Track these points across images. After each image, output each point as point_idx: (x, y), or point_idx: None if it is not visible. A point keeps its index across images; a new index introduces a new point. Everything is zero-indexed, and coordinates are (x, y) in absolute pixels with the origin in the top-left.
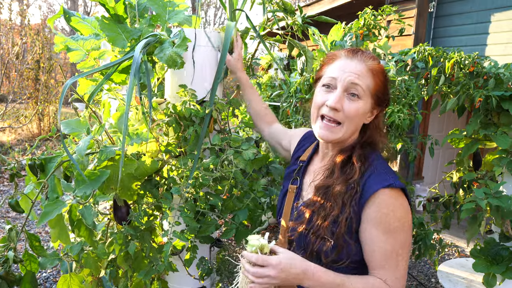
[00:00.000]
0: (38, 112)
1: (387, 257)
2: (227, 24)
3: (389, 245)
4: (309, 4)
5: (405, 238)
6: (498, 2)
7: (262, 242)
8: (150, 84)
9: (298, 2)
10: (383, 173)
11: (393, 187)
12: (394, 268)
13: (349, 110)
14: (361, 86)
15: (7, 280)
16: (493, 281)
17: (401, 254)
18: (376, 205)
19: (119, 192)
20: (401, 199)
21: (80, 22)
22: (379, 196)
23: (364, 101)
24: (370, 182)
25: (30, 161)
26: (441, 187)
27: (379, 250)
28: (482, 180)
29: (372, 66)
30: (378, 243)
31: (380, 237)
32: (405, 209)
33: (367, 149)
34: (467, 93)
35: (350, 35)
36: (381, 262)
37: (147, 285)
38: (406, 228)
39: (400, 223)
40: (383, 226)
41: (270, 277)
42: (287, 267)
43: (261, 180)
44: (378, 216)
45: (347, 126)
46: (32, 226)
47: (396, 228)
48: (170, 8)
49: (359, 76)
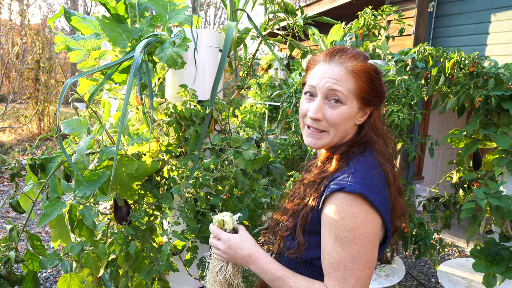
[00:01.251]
0: (38, 112)
1: (333, 267)
2: (228, 24)
3: (336, 255)
4: (309, 4)
5: (359, 252)
6: (498, 2)
7: (224, 218)
8: (151, 84)
9: (298, 2)
10: (351, 176)
11: (347, 192)
12: (340, 282)
13: (331, 117)
14: (341, 91)
15: (9, 280)
16: (493, 281)
17: (350, 268)
18: (329, 208)
19: (119, 192)
20: (357, 209)
21: (80, 21)
22: (332, 199)
23: (348, 106)
24: (333, 183)
25: (31, 161)
26: (441, 187)
27: (328, 257)
28: (482, 180)
29: (352, 67)
30: (327, 248)
31: (330, 242)
32: (359, 220)
33: (354, 149)
34: (467, 93)
35: (350, 35)
36: (328, 270)
37: (148, 285)
38: (359, 242)
39: (350, 234)
40: (333, 232)
41: (220, 251)
42: (235, 246)
43: (261, 180)
44: (329, 220)
45: (333, 132)
46: (32, 226)
47: (345, 238)
48: (170, 8)
49: (338, 81)
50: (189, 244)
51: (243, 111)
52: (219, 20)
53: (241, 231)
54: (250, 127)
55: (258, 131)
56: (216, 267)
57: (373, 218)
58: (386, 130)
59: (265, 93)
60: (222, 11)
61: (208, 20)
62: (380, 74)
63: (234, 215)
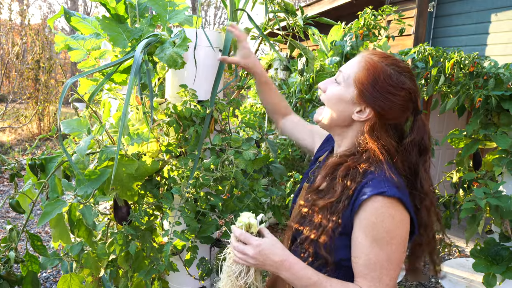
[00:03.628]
0: (38, 112)
1: (369, 267)
2: (228, 24)
3: (373, 255)
4: (309, 4)
5: (394, 252)
6: (498, 2)
7: (251, 221)
8: (151, 84)
9: (298, 2)
10: (382, 181)
11: (386, 196)
12: (376, 281)
13: (328, 92)
14: (343, 72)
15: (8, 280)
16: (493, 281)
17: (386, 268)
18: (366, 212)
19: (119, 192)
20: (393, 210)
21: (80, 22)
22: (370, 203)
23: (343, 87)
24: (365, 188)
25: (31, 161)
26: (441, 187)
27: (364, 258)
28: (482, 180)
29: (368, 58)
30: (363, 250)
31: (366, 244)
32: (396, 221)
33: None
34: (467, 93)
35: (350, 35)
36: (363, 271)
37: (148, 285)
38: (395, 242)
39: (388, 235)
40: (370, 234)
41: (248, 256)
42: (267, 251)
43: (261, 180)
44: (366, 223)
45: (327, 109)
46: (32, 226)
47: (383, 239)
48: (170, 8)
49: (348, 66)
50: (189, 244)
51: (243, 111)
52: (219, 20)
53: (267, 234)
54: (250, 127)
55: (258, 131)
56: (235, 271)
57: (406, 218)
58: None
59: None
60: (222, 11)
61: (208, 20)
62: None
63: (258, 217)
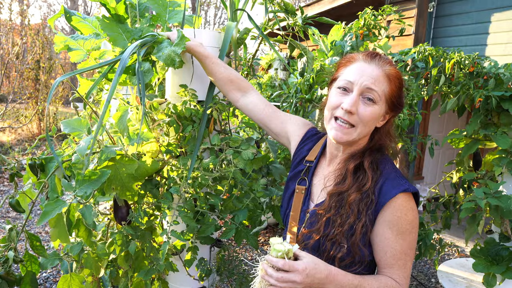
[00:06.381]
0: (38, 112)
1: (397, 257)
2: (228, 24)
3: (399, 246)
4: (309, 4)
5: (413, 239)
6: (498, 2)
7: (287, 247)
8: (144, 85)
9: (298, 2)
10: (397, 178)
11: (407, 192)
12: (402, 268)
13: (364, 114)
14: (377, 91)
15: (7, 280)
16: (493, 281)
17: (409, 254)
18: (392, 209)
19: (119, 192)
20: (412, 203)
21: (80, 21)
22: (396, 201)
23: (379, 106)
24: (386, 187)
25: (30, 161)
26: (441, 187)
27: (391, 251)
28: (482, 180)
29: (389, 71)
30: (389, 244)
31: (392, 238)
32: (415, 212)
33: (377, 155)
34: (467, 93)
35: (350, 35)
36: (391, 262)
37: (148, 285)
38: (414, 230)
39: (410, 226)
40: (396, 228)
41: (295, 283)
42: (313, 272)
43: (260, 180)
44: (392, 219)
45: (360, 129)
46: (32, 226)
47: (407, 230)
48: (170, 8)
49: (376, 81)
50: (189, 244)
51: None
52: (219, 20)
53: (302, 254)
54: (250, 127)
55: (258, 131)
56: None
57: (417, 208)
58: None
59: (265, 93)
60: (222, 11)
61: (208, 20)
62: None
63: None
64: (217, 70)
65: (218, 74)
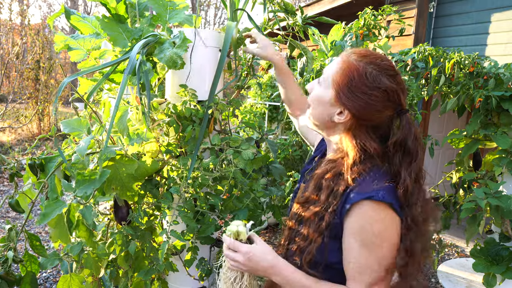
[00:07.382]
0: (38, 112)
1: (360, 271)
2: (228, 24)
3: (363, 259)
4: (309, 4)
5: (384, 255)
6: (498, 2)
7: (239, 229)
8: (149, 84)
9: (298, 2)
10: (369, 184)
11: (374, 200)
12: (366, 284)
13: (311, 93)
14: (325, 73)
15: (7, 280)
16: (493, 281)
17: (377, 271)
18: (355, 216)
19: (119, 192)
20: (383, 214)
21: (80, 21)
22: (359, 207)
23: (324, 88)
24: (353, 192)
25: (30, 161)
26: (441, 187)
27: (354, 262)
28: (482, 180)
29: (344, 56)
30: (353, 254)
31: (356, 248)
32: (386, 225)
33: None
34: (467, 93)
35: (350, 35)
36: (353, 274)
37: (147, 285)
38: (386, 245)
39: (378, 239)
40: (359, 239)
41: (238, 263)
42: (256, 258)
43: (260, 180)
44: (355, 227)
45: (311, 109)
46: (32, 226)
47: (373, 243)
48: (170, 8)
49: (328, 66)
50: (189, 244)
51: (243, 111)
52: (219, 20)
53: (257, 240)
54: (250, 127)
55: (258, 131)
56: (231, 277)
57: (396, 221)
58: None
59: (265, 93)
60: (222, 11)
61: (208, 20)
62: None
63: (247, 224)
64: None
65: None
